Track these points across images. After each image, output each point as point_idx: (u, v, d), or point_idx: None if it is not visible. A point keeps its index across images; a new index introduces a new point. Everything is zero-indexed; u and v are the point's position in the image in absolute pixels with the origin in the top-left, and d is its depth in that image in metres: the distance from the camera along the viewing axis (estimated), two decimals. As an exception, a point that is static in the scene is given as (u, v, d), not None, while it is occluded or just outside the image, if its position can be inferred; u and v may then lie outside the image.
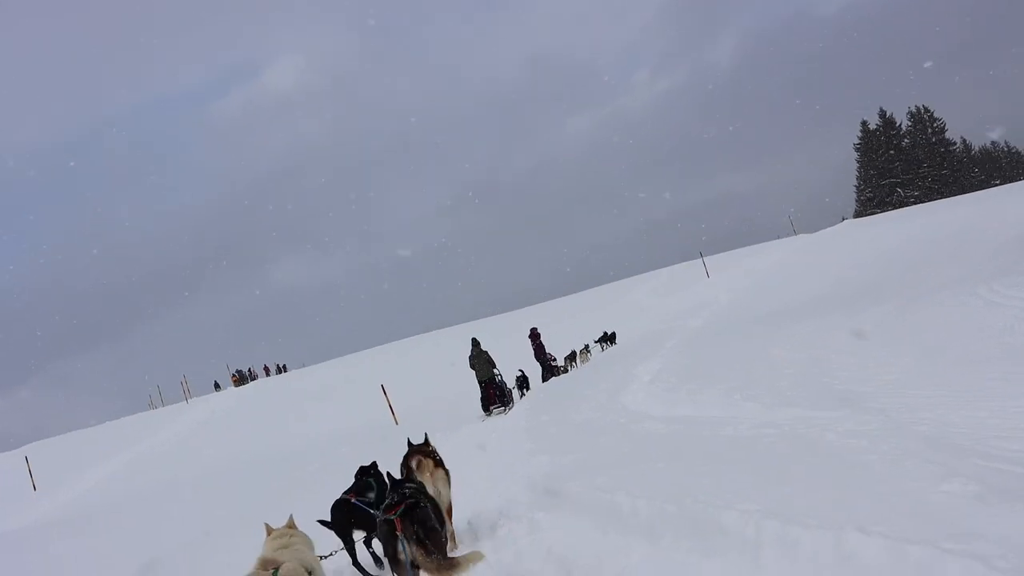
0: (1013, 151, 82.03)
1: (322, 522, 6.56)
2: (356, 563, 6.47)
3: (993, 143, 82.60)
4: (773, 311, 18.26)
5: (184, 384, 59.42)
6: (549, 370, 22.98)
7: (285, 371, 65.23)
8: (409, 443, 6.75)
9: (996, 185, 60.13)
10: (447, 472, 6.68)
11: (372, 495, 6.69)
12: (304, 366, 64.34)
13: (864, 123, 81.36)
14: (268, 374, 64.32)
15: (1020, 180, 61.96)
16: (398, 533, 4.86)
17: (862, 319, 11.44)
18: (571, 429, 10.75)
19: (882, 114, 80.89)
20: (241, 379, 62.29)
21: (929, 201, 60.31)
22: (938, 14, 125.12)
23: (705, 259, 42.82)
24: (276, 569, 4.41)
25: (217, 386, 60.92)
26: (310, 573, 4.66)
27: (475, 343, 19.16)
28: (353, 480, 7.03)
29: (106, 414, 57.31)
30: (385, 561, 5.37)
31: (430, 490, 6.07)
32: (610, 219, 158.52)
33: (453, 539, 6.37)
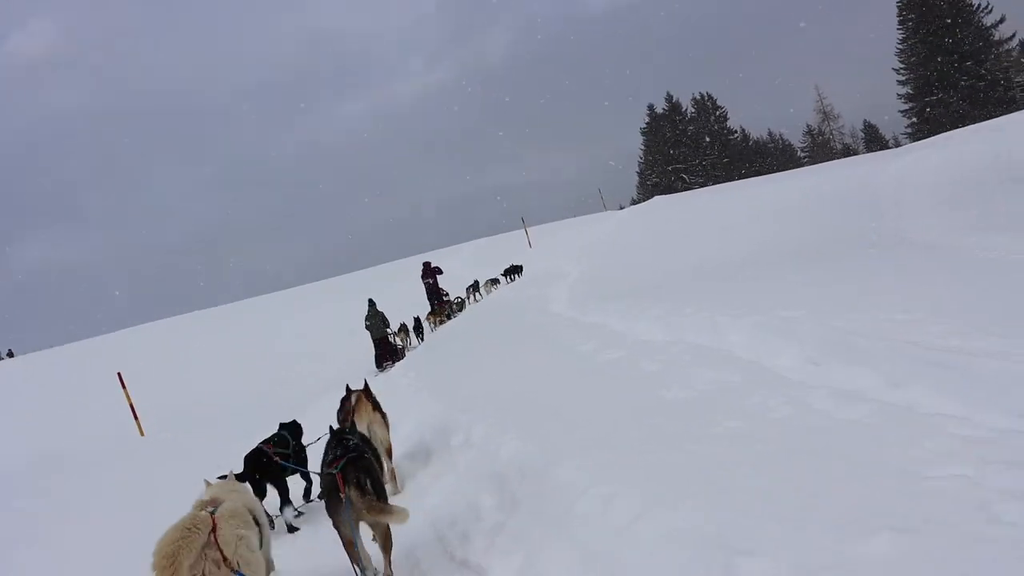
0: (785, 143, 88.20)
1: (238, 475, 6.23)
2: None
3: (770, 134, 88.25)
4: (662, 280, 14.37)
5: None
6: (443, 308, 21.88)
7: (11, 357, 54.48)
8: (348, 388, 7.55)
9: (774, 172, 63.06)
10: (384, 415, 7.11)
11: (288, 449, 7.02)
12: (37, 350, 52.95)
13: (651, 106, 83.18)
14: (-15, 360, 52.73)
15: (792, 169, 65.75)
16: (339, 484, 4.83)
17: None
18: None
19: (668, 98, 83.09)
20: (-53, 366, 50.20)
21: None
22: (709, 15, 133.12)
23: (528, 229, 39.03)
24: (215, 508, 4.35)
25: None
26: (254, 516, 4.65)
27: (371, 304, 19.20)
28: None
29: None
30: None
31: (366, 430, 6.46)
32: (390, 203, 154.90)
33: (394, 478, 6.78)
